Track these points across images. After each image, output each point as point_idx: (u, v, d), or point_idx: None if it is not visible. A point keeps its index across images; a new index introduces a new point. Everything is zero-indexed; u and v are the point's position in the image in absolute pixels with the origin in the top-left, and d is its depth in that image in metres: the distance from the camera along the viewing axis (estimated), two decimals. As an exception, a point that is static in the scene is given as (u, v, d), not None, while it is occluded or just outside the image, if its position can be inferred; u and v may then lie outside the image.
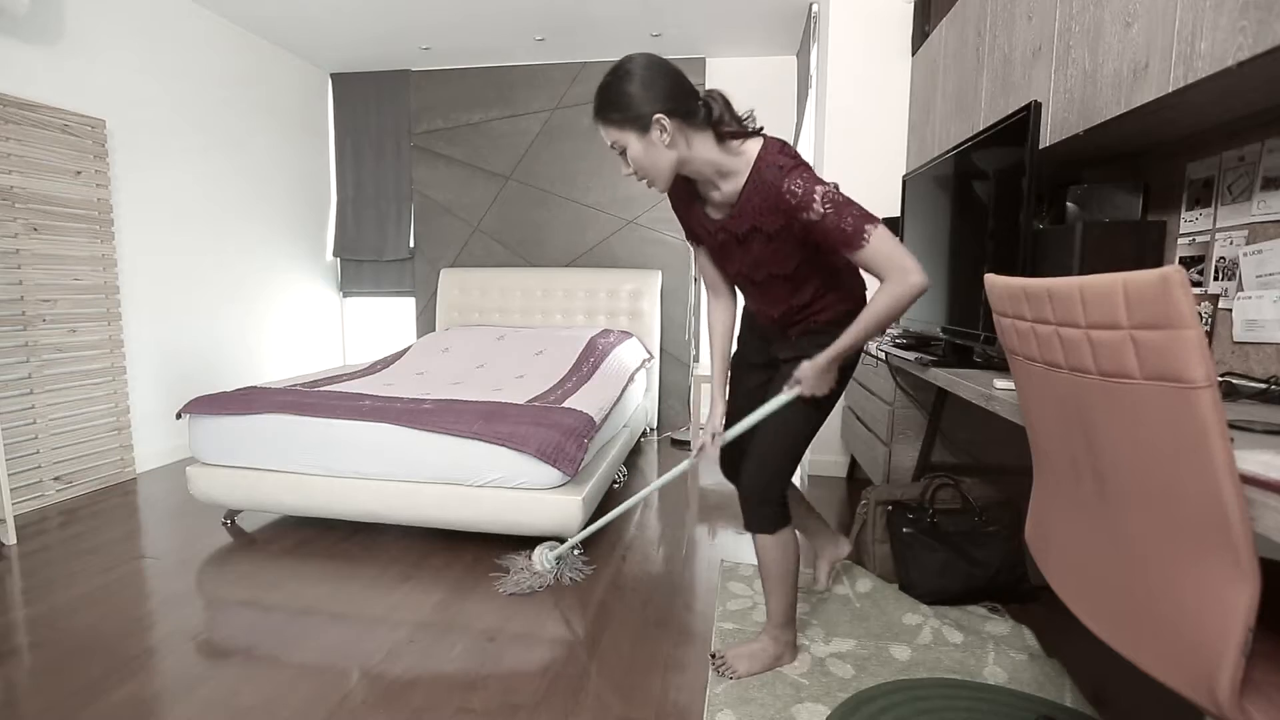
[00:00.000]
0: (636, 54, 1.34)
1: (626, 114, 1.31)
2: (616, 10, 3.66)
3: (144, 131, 3.35)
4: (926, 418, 2.45)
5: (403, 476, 2.33)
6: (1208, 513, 0.67)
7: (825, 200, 1.26)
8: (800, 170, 1.30)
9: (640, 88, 1.30)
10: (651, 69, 1.31)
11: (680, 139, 1.34)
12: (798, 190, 1.28)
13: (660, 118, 1.30)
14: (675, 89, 1.32)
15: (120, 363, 3.20)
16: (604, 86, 1.33)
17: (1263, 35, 1.04)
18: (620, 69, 1.32)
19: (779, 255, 1.41)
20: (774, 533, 1.54)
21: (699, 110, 1.35)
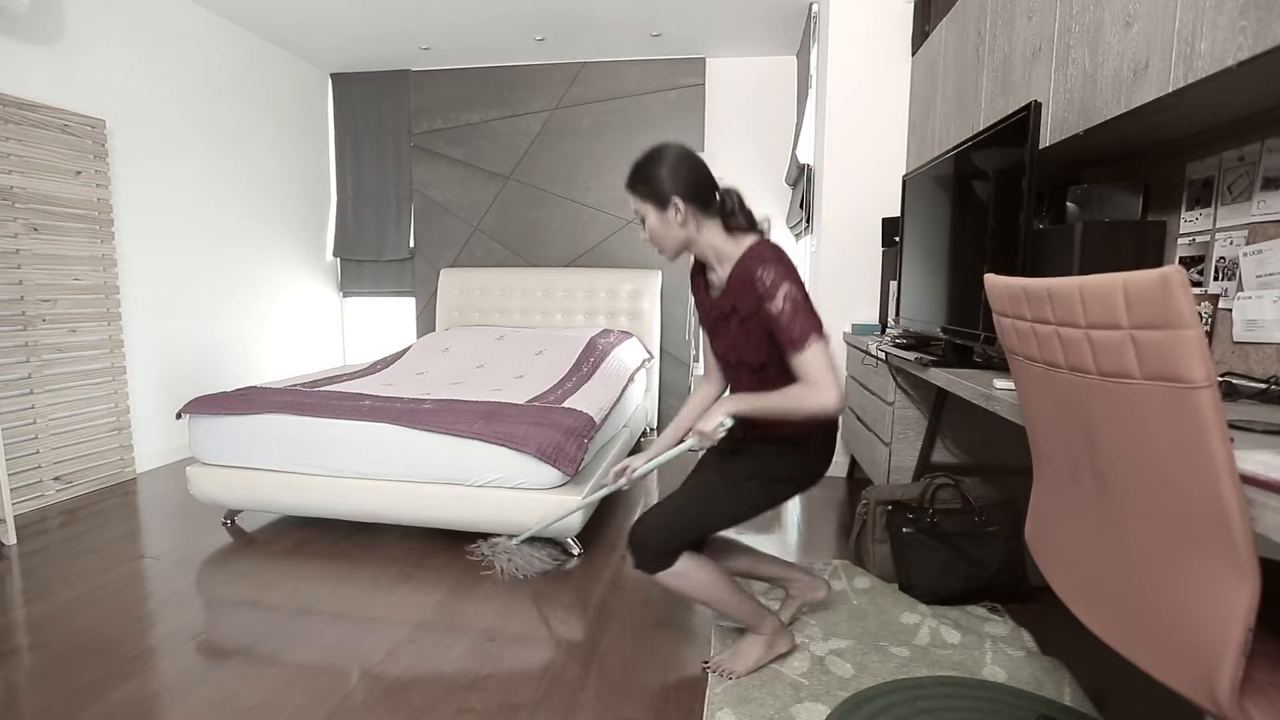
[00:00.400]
0: (674, 143, 1.55)
1: (650, 189, 1.51)
2: (616, 10, 3.66)
3: (144, 131, 3.35)
4: (926, 418, 2.45)
5: (403, 476, 2.33)
6: (1208, 513, 0.67)
7: (786, 299, 1.40)
8: (777, 266, 1.43)
9: (667, 171, 1.50)
10: (681, 160, 1.51)
11: (692, 222, 1.52)
12: (766, 279, 1.42)
13: (677, 200, 1.49)
14: (697, 180, 1.51)
15: (120, 363, 3.20)
16: (638, 163, 1.55)
17: (1263, 35, 1.04)
18: (656, 152, 1.53)
19: (750, 341, 1.52)
20: (655, 575, 1.53)
21: (714, 202, 1.54)
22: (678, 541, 1.52)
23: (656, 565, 1.52)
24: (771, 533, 2.59)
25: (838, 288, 3.24)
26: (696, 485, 1.59)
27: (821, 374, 1.37)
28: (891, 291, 2.88)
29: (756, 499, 1.57)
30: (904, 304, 2.51)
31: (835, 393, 1.35)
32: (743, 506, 1.57)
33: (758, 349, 1.51)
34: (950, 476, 2.11)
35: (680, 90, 4.40)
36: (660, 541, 1.51)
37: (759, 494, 1.57)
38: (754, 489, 1.57)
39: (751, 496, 1.57)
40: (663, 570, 1.52)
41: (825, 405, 1.36)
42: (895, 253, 2.83)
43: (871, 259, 3.19)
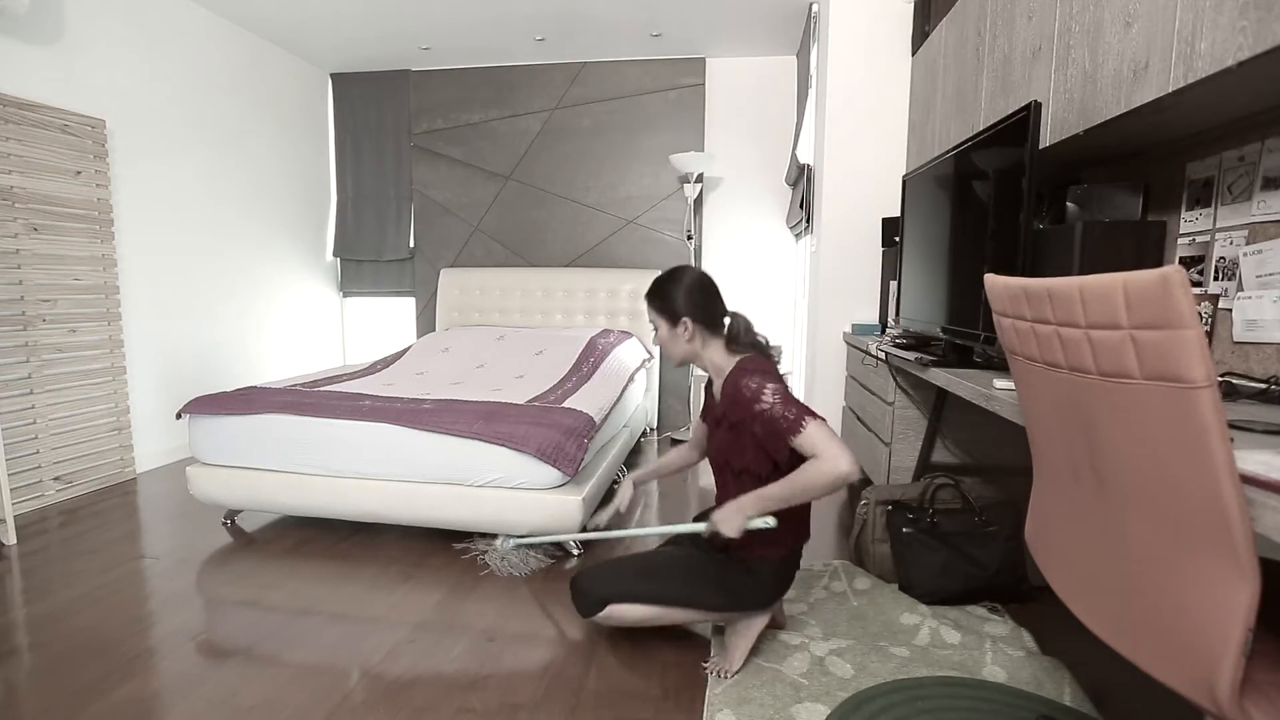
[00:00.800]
0: (693, 268, 1.72)
1: (665, 306, 1.68)
2: (616, 10, 3.66)
3: (144, 131, 3.35)
4: (926, 418, 2.45)
5: (403, 476, 2.33)
6: (1208, 513, 0.67)
7: (775, 394, 1.52)
8: (762, 376, 1.55)
9: (682, 293, 1.67)
10: (697, 285, 1.68)
11: (698, 338, 1.69)
12: (753, 385, 1.54)
13: (686, 319, 1.66)
14: (708, 304, 1.68)
15: (120, 363, 3.20)
16: (660, 280, 1.72)
17: (1262, 35, 1.04)
18: (677, 273, 1.70)
19: (738, 446, 1.62)
20: (589, 618, 1.69)
21: (721, 325, 1.71)
22: (611, 599, 1.66)
23: (591, 611, 1.67)
24: (771, 533, 2.59)
25: (838, 288, 3.24)
26: (660, 556, 1.72)
27: (828, 445, 1.43)
28: (891, 291, 2.88)
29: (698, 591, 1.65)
30: (904, 304, 2.51)
31: (847, 459, 1.41)
32: (691, 593, 1.65)
33: (743, 454, 1.62)
34: (950, 476, 2.11)
35: (680, 90, 4.40)
36: (601, 592, 1.66)
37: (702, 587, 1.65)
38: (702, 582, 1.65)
39: (698, 589, 1.65)
40: (597, 616, 1.67)
41: (840, 471, 1.41)
42: (895, 253, 2.83)
43: (871, 259, 3.19)
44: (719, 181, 4.49)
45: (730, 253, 4.54)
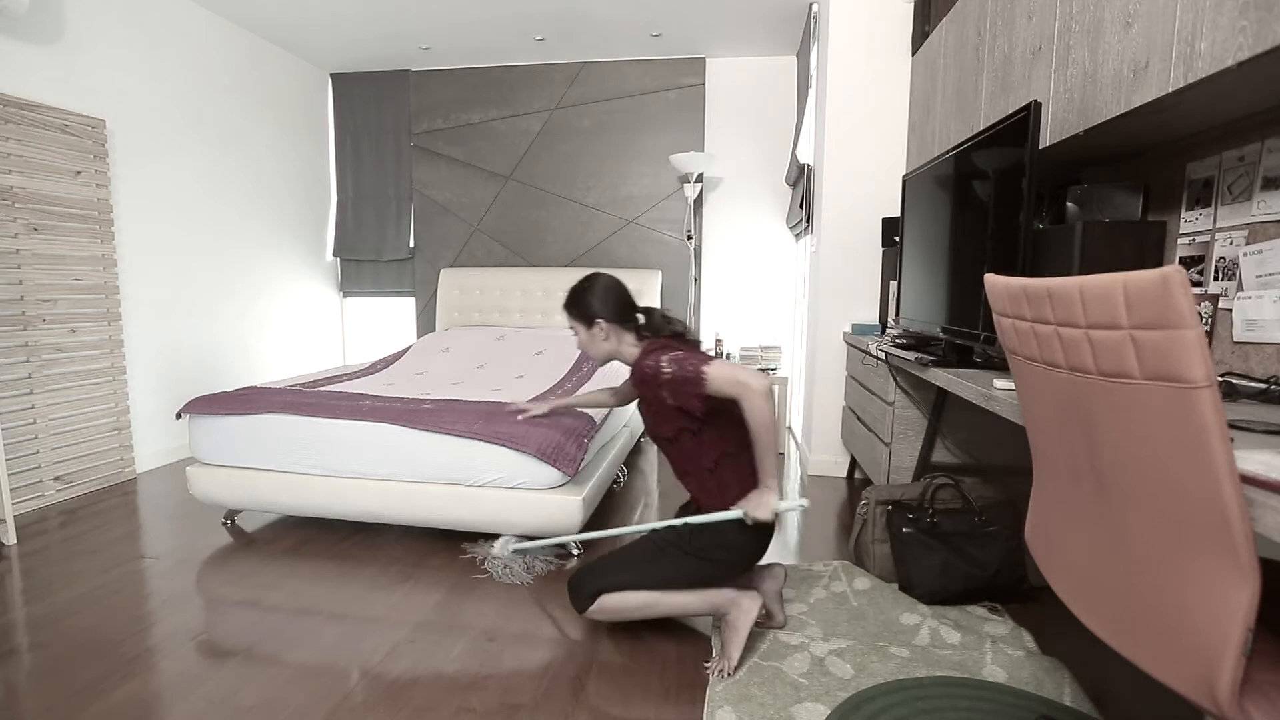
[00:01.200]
0: (603, 274, 1.85)
1: (580, 311, 1.82)
2: (616, 10, 3.66)
3: (144, 131, 3.35)
4: (926, 418, 2.45)
5: (403, 476, 2.33)
6: (1208, 513, 0.67)
7: (670, 361, 1.63)
8: (659, 352, 1.67)
9: (596, 298, 1.80)
10: (607, 289, 1.82)
11: (614, 337, 1.82)
12: (650, 363, 1.67)
13: (601, 321, 1.79)
14: (620, 305, 1.82)
15: (120, 363, 3.20)
16: (573, 289, 1.85)
17: (1262, 35, 1.04)
18: (589, 280, 1.83)
19: (659, 420, 1.74)
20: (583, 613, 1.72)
21: (633, 321, 1.84)
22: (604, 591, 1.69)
23: (584, 606, 1.70)
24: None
25: (838, 288, 3.24)
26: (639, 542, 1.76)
27: (733, 380, 1.56)
28: (891, 291, 2.88)
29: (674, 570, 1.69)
30: (904, 304, 2.51)
31: (755, 380, 1.55)
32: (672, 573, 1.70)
33: (666, 424, 1.73)
34: (950, 476, 2.11)
35: (680, 90, 4.40)
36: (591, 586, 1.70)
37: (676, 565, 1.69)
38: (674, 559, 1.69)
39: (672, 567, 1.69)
40: (589, 610, 1.70)
41: (760, 392, 1.54)
42: (895, 253, 2.83)
43: (871, 259, 3.19)
44: (719, 181, 4.49)
45: (730, 253, 4.54)
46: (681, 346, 1.73)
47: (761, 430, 1.56)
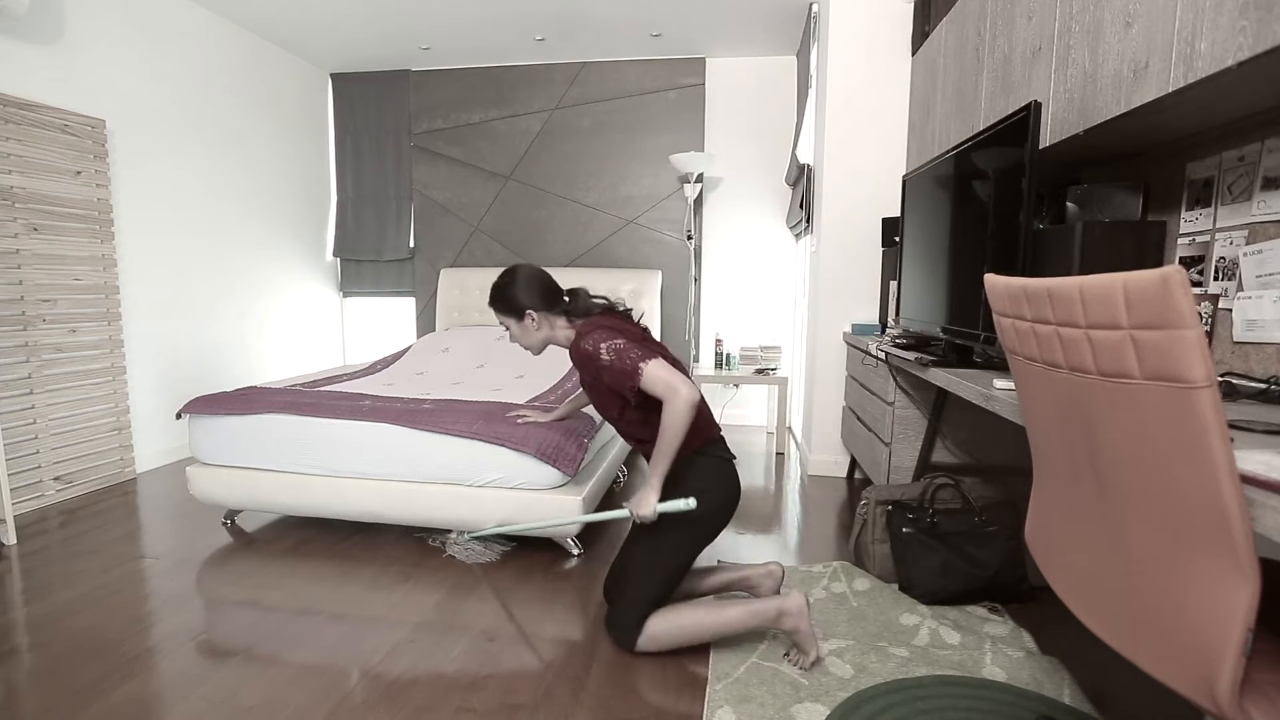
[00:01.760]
0: (522, 265, 1.87)
1: (507, 306, 1.84)
2: (616, 10, 3.66)
3: (144, 131, 3.35)
4: (926, 418, 2.45)
5: (403, 476, 2.33)
6: (1208, 513, 0.67)
7: (610, 350, 1.65)
8: (596, 333, 1.69)
9: (520, 291, 1.82)
10: (530, 279, 1.84)
11: (545, 324, 1.85)
12: (588, 347, 1.69)
13: (530, 312, 1.83)
14: (545, 292, 1.84)
15: (120, 363, 3.20)
16: (496, 285, 1.86)
17: (1263, 35, 1.04)
18: (509, 274, 1.85)
19: (602, 400, 1.80)
20: (635, 651, 1.70)
21: (560, 304, 1.86)
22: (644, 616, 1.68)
23: (630, 642, 1.68)
24: (771, 533, 2.59)
25: (838, 288, 3.24)
26: (634, 561, 1.73)
27: (665, 384, 1.59)
28: (891, 291, 2.88)
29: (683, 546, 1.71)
30: (904, 304, 2.51)
31: (685, 389, 1.58)
32: (677, 557, 1.71)
33: (609, 404, 1.79)
34: (950, 476, 2.11)
35: (680, 90, 4.40)
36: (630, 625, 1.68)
37: (683, 541, 1.71)
38: (680, 537, 1.71)
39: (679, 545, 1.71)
40: (637, 642, 1.67)
41: (686, 401, 1.57)
42: (895, 253, 2.83)
43: (871, 259, 3.19)
44: (719, 181, 4.49)
45: (730, 253, 4.54)
46: (616, 325, 1.75)
47: (669, 433, 1.59)
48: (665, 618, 1.67)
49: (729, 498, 1.74)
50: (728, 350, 4.26)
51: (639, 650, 1.69)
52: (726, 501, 1.73)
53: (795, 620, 1.65)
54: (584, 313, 1.86)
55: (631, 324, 1.83)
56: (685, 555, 1.71)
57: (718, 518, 1.73)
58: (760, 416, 4.63)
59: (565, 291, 1.89)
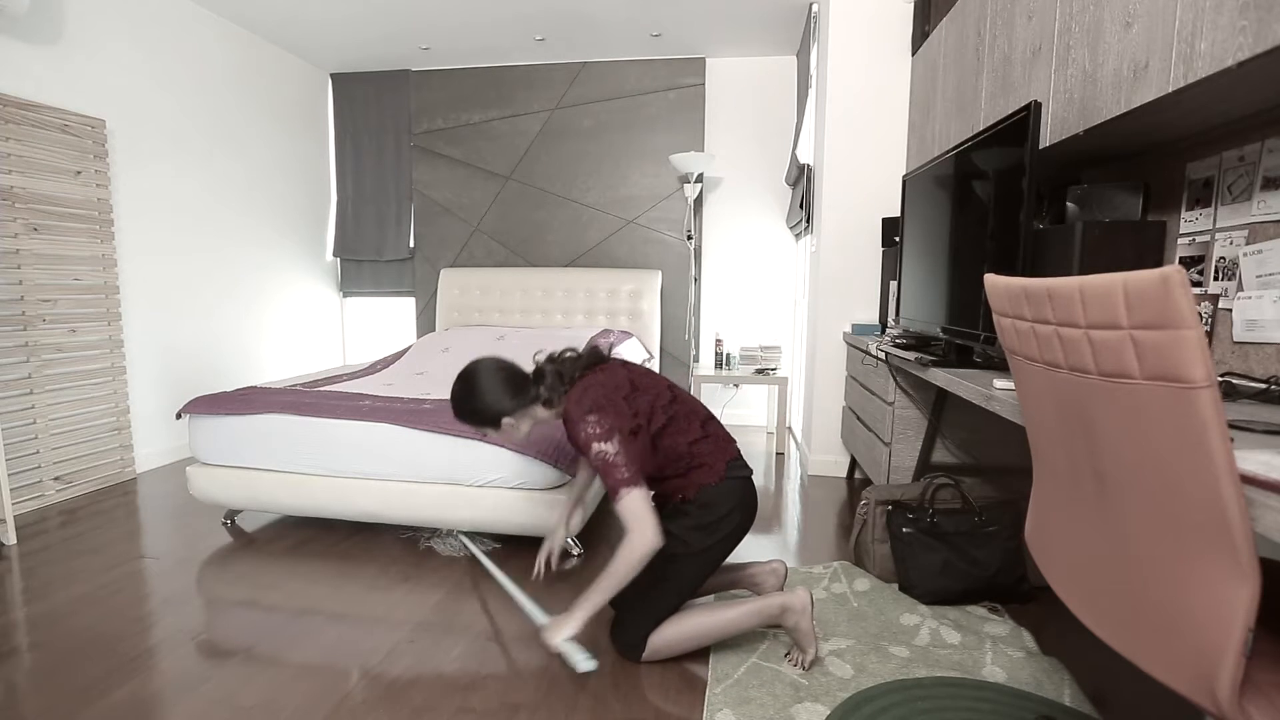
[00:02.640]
0: (479, 366, 1.67)
1: (481, 419, 1.68)
2: (616, 10, 3.66)
3: (144, 131, 3.35)
4: (926, 418, 2.45)
5: (403, 476, 2.33)
6: (1208, 513, 0.67)
7: (599, 456, 1.55)
8: (584, 423, 1.57)
9: (487, 401, 1.65)
10: (491, 384, 1.65)
11: (524, 419, 1.71)
12: (579, 437, 1.58)
13: (506, 419, 1.67)
14: (512, 389, 1.67)
15: (120, 363, 3.20)
16: (458, 400, 1.67)
17: (1263, 35, 1.04)
18: (469, 387, 1.66)
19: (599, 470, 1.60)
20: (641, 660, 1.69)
21: (532, 392, 1.69)
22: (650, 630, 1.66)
23: (637, 655, 1.67)
24: (771, 533, 2.59)
25: (838, 288, 3.24)
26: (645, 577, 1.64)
27: (635, 520, 1.51)
28: (891, 291, 2.88)
29: (693, 571, 1.67)
30: (904, 304, 2.51)
31: (652, 533, 1.51)
32: (693, 579, 1.68)
33: None
34: (950, 476, 2.11)
35: (680, 90, 4.40)
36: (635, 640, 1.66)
37: (693, 567, 1.67)
38: (687, 565, 1.66)
39: (689, 571, 1.67)
40: (642, 656, 1.66)
41: (647, 545, 1.50)
42: (895, 253, 2.83)
43: (871, 259, 3.19)
44: (719, 181, 4.49)
45: (730, 253, 4.54)
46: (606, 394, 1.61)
47: (617, 571, 1.51)
48: (670, 627, 1.66)
49: (748, 519, 1.72)
50: (728, 350, 4.26)
51: (645, 661, 1.68)
52: (744, 523, 1.71)
53: (798, 617, 1.65)
54: (560, 385, 1.68)
55: (617, 375, 1.68)
56: (700, 575, 1.68)
57: (735, 540, 1.70)
58: (760, 416, 4.63)
59: (531, 374, 1.72)
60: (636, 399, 1.65)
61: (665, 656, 1.68)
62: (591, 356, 1.75)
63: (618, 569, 1.52)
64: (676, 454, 1.67)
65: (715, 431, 1.73)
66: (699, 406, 1.76)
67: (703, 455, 1.67)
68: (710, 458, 1.68)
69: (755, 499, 1.74)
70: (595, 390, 1.62)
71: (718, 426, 1.76)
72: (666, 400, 1.69)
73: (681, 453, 1.67)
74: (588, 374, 1.69)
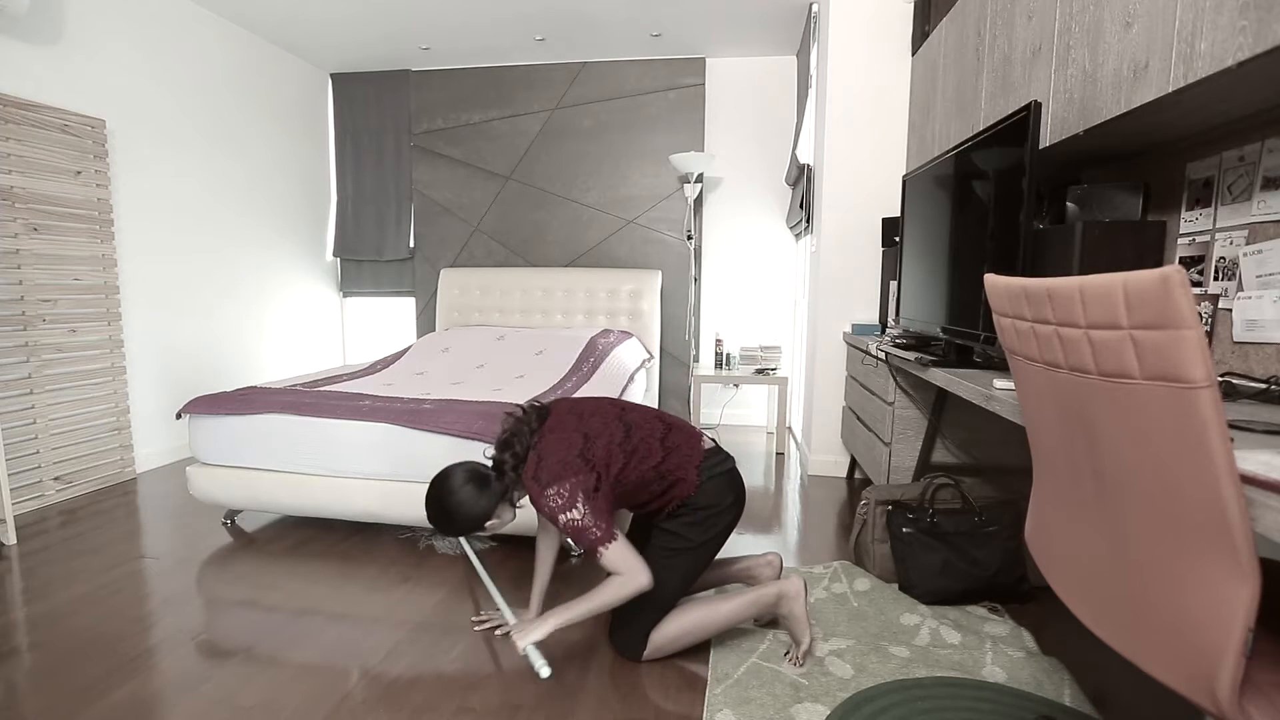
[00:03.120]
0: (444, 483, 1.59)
1: (466, 528, 1.62)
2: (616, 10, 3.66)
3: (144, 131, 3.35)
4: (926, 418, 2.45)
5: (403, 476, 2.33)
6: (1208, 513, 0.67)
7: (567, 525, 1.53)
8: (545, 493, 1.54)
9: (464, 514, 1.58)
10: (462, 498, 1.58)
11: (504, 510, 1.66)
12: (545, 508, 1.55)
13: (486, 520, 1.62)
14: (479, 492, 1.59)
15: (120, 363, 3.20)
16: (436, 521, 1.60)
17: (1263, 35, 1.04)
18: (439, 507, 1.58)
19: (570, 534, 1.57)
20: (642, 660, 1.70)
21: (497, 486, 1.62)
22: (651, 627, 1.67)
23: (637, 655, 1.69)
24: (771, 533, 2.59)
25: (838, 288, 3.24)
26: None
27: (625, 566, 1.54)
28: (891, 291, 2.88)
29: (691, 564, 1.69)
30: (904, 304, 2.51)
31: (644, 577, 1.54)
32: (690, 572, 1.69)
33: None
34: (950, 476, 2.11)
35: (680, 90, 4.40)
36: (636, 639, 1.68)
37: (691, 560, 1.68)
38: (685, 559, 1.68)
39: (687, 564, 1.68)
40: (644, 654, 1.68)
41: (640, 585, 1.54)
42: (895, 253, 2.83)
43: (871, 259, 3.19)
44: (719, 181, 4.49)
45: (730, 253, 4.54)
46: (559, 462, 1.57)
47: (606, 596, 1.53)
48: (670, 623, 1.67)
49: (739, 507, 1.73)
50: (728, 350, 4.26)
51: (646, 659, 1.69)
52: (736, 510, 1.73)
53: (792, 603, 1.67)
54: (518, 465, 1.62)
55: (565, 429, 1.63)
56: (693, 570, 1.70)
57: (730, 527, 1.72)
58: (760, 416, 4.63)
59: (491, 468, 1.64)
60: (591, 449, 1.60)
61: (666, 653, 1.69)
62: (538, 416, 1.68)
63: (603, 598, 1.53)
64: (645, 481, 1.64)
65: (676, 444, 1.68)
66: (654, 425, 1.69)
67: (672, 472, 1.65)
68: (680, 471, 1.66)
69: (742, 486, 1.75)
70: (549, 459, 1.58)
71: (677, 435, 1.70)
72: (620, 437, 1.64)
73: (650, 479, 1.64)
74: (539, 440, 1.63)
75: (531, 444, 1.64)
